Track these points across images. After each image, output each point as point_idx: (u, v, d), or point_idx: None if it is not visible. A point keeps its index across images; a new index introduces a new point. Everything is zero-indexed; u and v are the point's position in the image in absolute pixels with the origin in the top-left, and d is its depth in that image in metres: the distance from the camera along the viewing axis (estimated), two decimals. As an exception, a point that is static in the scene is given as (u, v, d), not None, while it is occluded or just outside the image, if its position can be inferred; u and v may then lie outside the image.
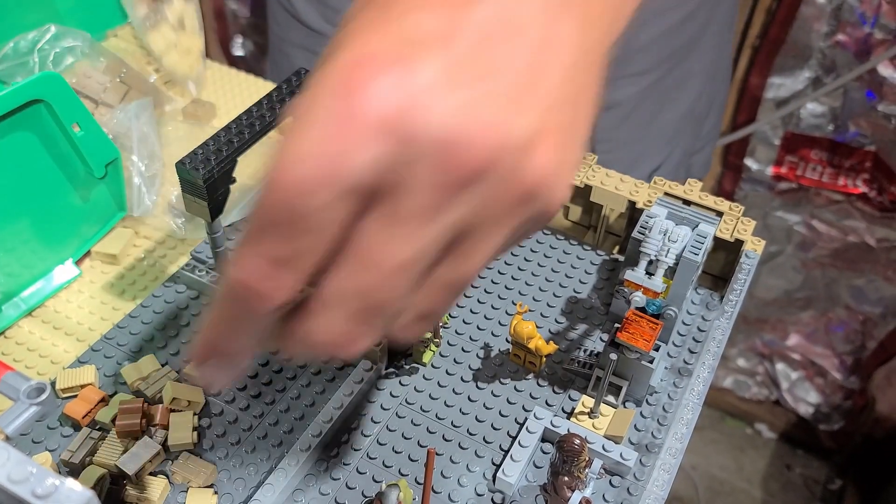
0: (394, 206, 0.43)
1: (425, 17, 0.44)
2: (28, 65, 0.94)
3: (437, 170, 0.42)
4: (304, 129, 0.42)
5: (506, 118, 0.43)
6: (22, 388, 0.75)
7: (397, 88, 0.41)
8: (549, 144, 0.45)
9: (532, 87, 0.45)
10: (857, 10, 1.81)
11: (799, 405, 2.52)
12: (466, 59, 0.43)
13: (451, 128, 0.42)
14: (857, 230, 2.11)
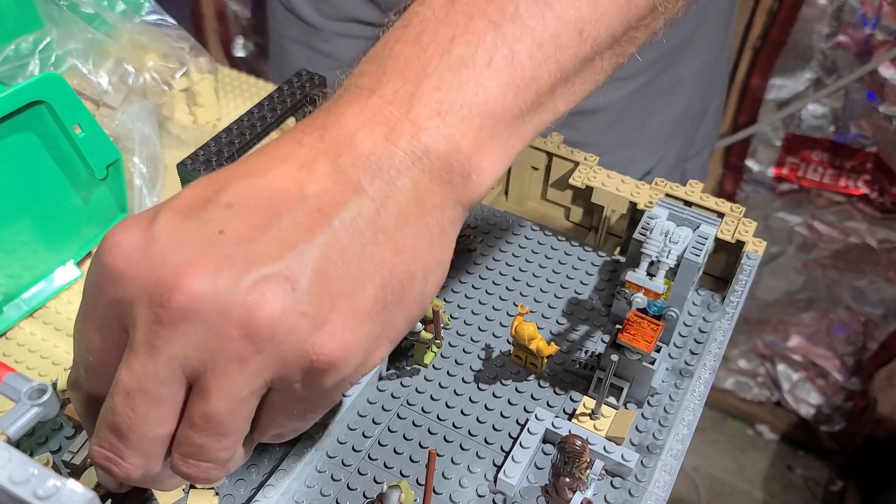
0: (129, 340, 0.50)
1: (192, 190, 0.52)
2: (29, 66, 0.94)
3: (146, 311, 0.48)
4: None
5: (218, 270, 0.48)
6: (23, 390, 0.75)
7: (122, 240, 0.50)
8: (275, 289, 0.48)
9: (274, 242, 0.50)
10: (859, 11, 1.81)
11: (800, 406, 2.52)
12: (205, 220, 0.50)
13: (155, 273, 0.48)
14: (858, 231, 2.11)
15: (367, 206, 0.52)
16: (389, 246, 0.53)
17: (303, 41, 1.40)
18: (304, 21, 1.38)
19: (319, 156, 0.53)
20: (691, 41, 1.32)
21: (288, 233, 0.50)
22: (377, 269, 0.52)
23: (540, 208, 1.01)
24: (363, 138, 0.54)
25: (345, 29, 1.36)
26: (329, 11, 1.35)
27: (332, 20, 1.36)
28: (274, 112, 0.84)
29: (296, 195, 0.51)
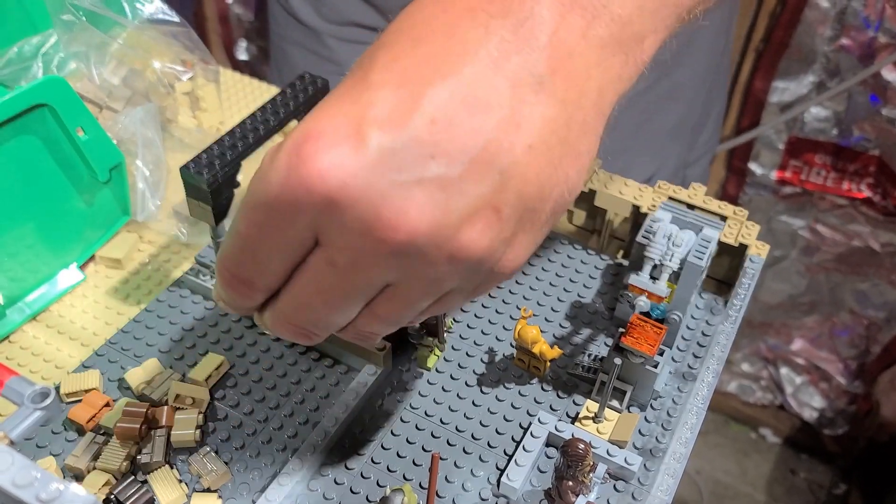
0: (327, 256, 0.50)
1: (385, 95, 0.48)
2: (32, 69, 0.94)
3: (360, 242, 0.48)
4: (259, 182, 0.50)
5: (436, 205, 0.47)
6: (26, 393, 0.75)
7: (335, 166, 0.46)
8: (485, 224, 0.49)
9: (481, 168, 0.48)
10: (861, 13, 1.81)
11: (803, 410, 2.52)
12: (413, 142, 0.47)
13: (375, 209, 0.47)
14: (861, 234, 2.11)
15: (561, 120, 0.51)
16: (572, 162, 0.53)
17: (303, 44, 1.40)
18: (304, 24, 1.38)
19: (513, 52, 0.50)
20: (690, 47, 1.32)
21: (491, 153, 0.48)
22: (557, 185, 0.52)
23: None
24: (563, 37, 0.51)
25: (344, 33, 1.36)
26: (329, 15, 1.35)
27: (332, 23, 1.36)
28: (277, 115, 0.84)
29: (495, 105, 0.49)
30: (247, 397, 0.79)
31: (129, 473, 0.72)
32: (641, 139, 1.37)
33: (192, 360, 0.82)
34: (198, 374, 0.79)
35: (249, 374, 0.81)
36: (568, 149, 0.52)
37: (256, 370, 0.81)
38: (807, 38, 1.90)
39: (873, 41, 1.83)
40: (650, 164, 1.40)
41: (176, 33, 1.08)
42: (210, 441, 0.75)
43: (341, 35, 1.37)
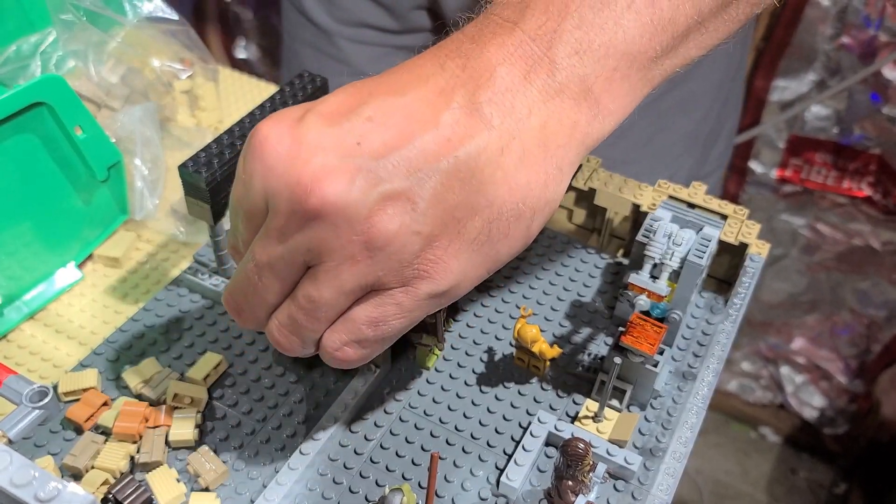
0: (266, 225, 0.58)
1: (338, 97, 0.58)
2: (30, 68, 0.94)
3: (284, 204, 0.55)
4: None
5: (352, 182, 0.54)
6: (24, 392, 0.75)
7: (280, 142, 0.55)
8: (395, 210, 0.55)
9: (403, 165, 0.55)
10: (862, 12, 1.81)
11: (804, 409, 2.52)
12: (345, 130, 0.55)
13: (297, 174, 0.54)
14: (861, 233, 2.11)
15: (494, 144, 0.56)
16: (504, 185, 0.57)
17: (315, 45, 1.40)
18: (316, 25, 1.38)
19: (459, 85, 0.57)
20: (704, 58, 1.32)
21: (416, 156, 0.55)
22: (488, 205, 0.57)
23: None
24: (503, 74, 0.57)
25: (357, 34, 1.36)
26: (341, 16, 1.35)
27: (344, 25, 1.36)
28: (276, 113, 0.84)
29: (430, 121, 0.55)
30: (245, 396, 0.79)
31: (128, 473, 0.72)
32: (653, 149, 1.36)
33: (191, 359, 0.82)
34: (196, 373, 0.79)
35: (248, 373, 0.81)
36: (500, 173, 0.57)
37: (255, 369, 0.81)
38: (807, 37, 1.90)
39: (874, 39, 1.83)
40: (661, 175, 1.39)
41: (175, 31, 1.08)
42: (208, 440, 0.75)
43: (352, 36, 1.37)
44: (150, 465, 0.72)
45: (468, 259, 0.58)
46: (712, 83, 1.37)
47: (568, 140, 0.59)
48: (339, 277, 0.57)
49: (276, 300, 0.61)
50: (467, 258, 0.58)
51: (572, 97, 0.59)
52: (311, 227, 0.55)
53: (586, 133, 0.61)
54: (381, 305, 0.59)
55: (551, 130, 0.59)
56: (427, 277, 0.58)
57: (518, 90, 0.57)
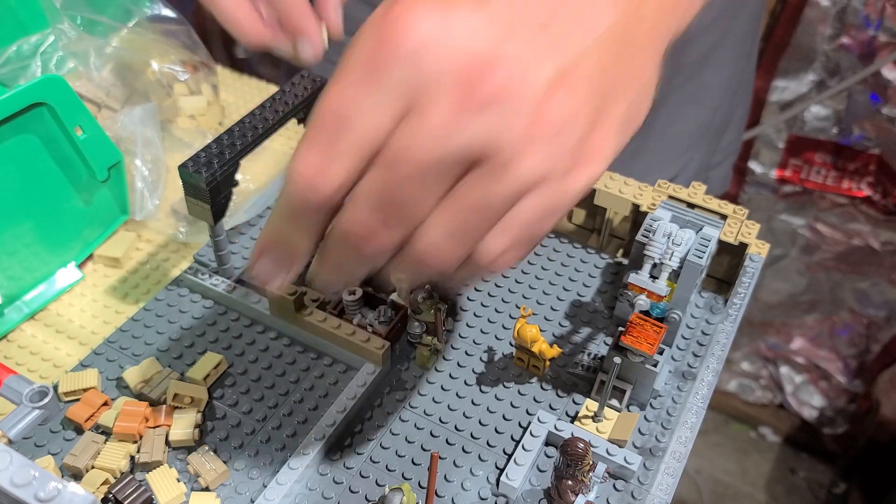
0: (420, 117, 0.50)
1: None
2: (31, 68, 0.94)
3: (455, 91, 0.49)
4: (351, 51, 0.51)
5: (530, 57, 0.50)
6: (24, 392, 0.75)
7: (429, 21, 0.49)
8: (570, 90, 0.51)
9: (563, 36, 0.51)
10: (862, 12, 1.81)
11: (803, 409, 2.52)
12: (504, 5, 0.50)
13: (472, 56, 0.49)
14: (861, 233, 2.11)
15: (621, 26, 0.54)
16: (634, 70, 0.56)
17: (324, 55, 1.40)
18: None
19: None
20: (717, 50, 1.32)
21: (570, 29, 0.52)
22: (626, 84, 0.55)
23: (542, 210, 1.01)
24: None
25: None
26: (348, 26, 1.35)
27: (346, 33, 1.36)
28: (276, 113, 0.84)
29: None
30: (245, 396, 0.79)
31: (128, 472, 0.72)
32: (666, 141, 1.37)
33: (191, 359, 0.82)
34: (196, 372, 0.79)
35: (248, 372, 0.81)
36: (629, 56, 0.55)
37: (255, 369, 0.81)
38: (807, 37, 1.90)
39: (873, 40, 1.83)
40: (672, 166, 1.40)
41: (175, 31, 1.08)
42: (209, 440, 0.75)
43: None
44: (150, 464, 0.72)
45: (616, 141, 0.56)
46: (724, 74, 1.37)
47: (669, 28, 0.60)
48: (517, 169, 0.51)
49: (428, 211, 0.53)
50: (616, 140, 0.56)
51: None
52: (484, 115, 0.49)
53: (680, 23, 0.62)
54: (550, 197, 0.53)
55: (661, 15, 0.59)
56: (589, 163, 0.54)
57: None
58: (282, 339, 0.84)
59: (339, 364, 0.82)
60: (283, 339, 0.84)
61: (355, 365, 0.81)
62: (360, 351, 0.79)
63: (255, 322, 0.85)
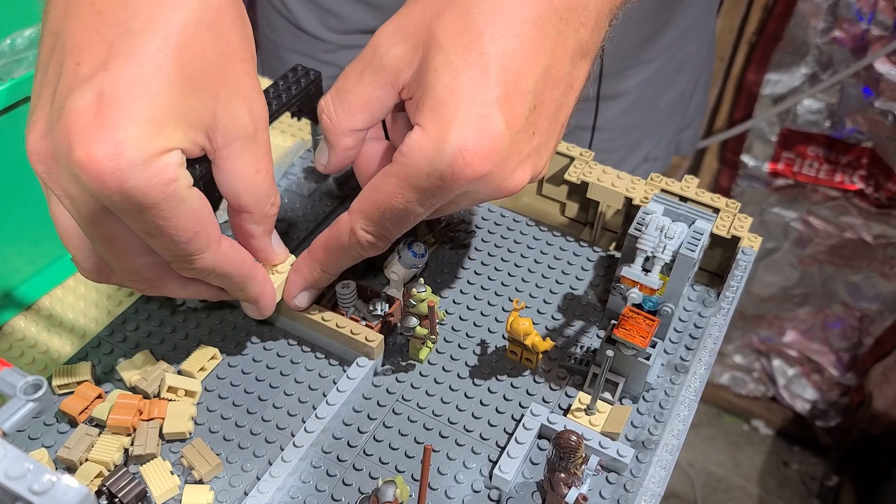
0: (450, 202, 0.70)
1: (515, 94, 0.66)
2: (26, 61, 0.94)
3: (487, 196, 0.70)
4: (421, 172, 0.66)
5: (535, 168, 0.70)
6: (18, 385, 0.75)
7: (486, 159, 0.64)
8: (527, 170, 0.68)
9: (554, 132, 0.71)
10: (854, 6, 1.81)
11: (796, 402, 2.53)
12: (522, 130, 0.67)
13: (506, 179, 0.67)
14: (853, 226, 2.11)
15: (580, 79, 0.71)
16: (571, 98, 0.71)
17: (304, 52, 1.40)
18: (306, 32, 1.37)
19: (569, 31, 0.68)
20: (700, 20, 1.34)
21: (562, 113, 0.70)
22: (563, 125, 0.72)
23: (535, 204, 1.01)
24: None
25: (350, 41, 1.36)
26: (337, 25, 1.35)
27: (339, 33, 1.35)
28: (269, 107, 0.84)
29: (564, 83, 0.69)
30: (239, 389, 0.79)
31: (122, 465, 0.72)
32: (654, 114, 1.38)
33: (185, 352, 0.82)
34: (190, 365, 0.79)
35: (242, 365, 0.81)
36: (571, 92, 0.72)
37: (249, 362, 0.81)
38: (799, 31, 1.91)
39: (866, 33, 1.84)
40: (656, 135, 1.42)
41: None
42: (202, 433, 0.75)
43: (347, 43, 1.36)
44: (144, 457, 0.72)
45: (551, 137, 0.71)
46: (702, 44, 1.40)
47: None
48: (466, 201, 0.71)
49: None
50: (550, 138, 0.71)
51: None
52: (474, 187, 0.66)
53: None
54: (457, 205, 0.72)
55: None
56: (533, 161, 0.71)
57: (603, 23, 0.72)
58: (275, 331, 0.84)
59: (333, 357, 0.82)
60: (277, 332, 0.84)
61: (348, 358, 0.81)
62: (353, 344, 0.80)
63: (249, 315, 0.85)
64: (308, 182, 1.00)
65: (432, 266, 0.91)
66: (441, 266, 0.91)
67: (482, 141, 0.63)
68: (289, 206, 0.97)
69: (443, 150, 0.63)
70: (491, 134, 0.64)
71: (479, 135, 0.63)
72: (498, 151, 0.64)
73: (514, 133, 0.65)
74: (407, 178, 0.66)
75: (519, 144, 0.66)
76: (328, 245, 0.75)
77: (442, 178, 0.64)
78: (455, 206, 0.71)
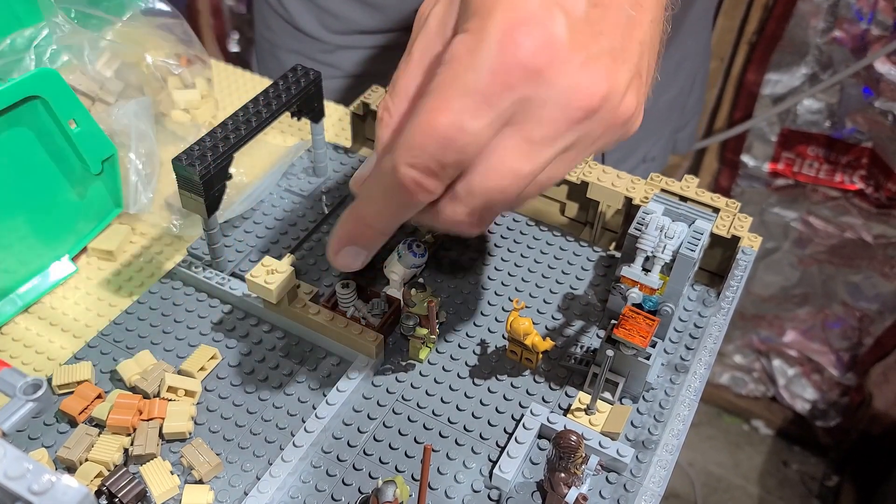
0: (526, 132, 0.58)
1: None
2: (24, 61, 0.94)
3: (562, 109, 0.57)
4: (466, 70, 0.56)
5: (612, 72, 0.58)
6: (18, 385, 0.75)
7: (541, 48, 0.55)
8: (635, 88, 0.61)
9: (629, 44, 0.60)
10: (854, 6, 1.81)
11: (796, 402, 2.53)
12: (583, 23, 0.57)
13: (575, 80, 0.57)
14: (853, 226, 2.11)
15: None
16: (643, 16, 0.63)
17: (302, 52, 1.40)
18: (303, 32, 1.37)
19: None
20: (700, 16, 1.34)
21: (635, 31, 0.61)
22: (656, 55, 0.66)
23: (535, 203, 1.01)
24: None
25: (348, 41, 1.36)
26: (335, 26, 1.35)
27: (337, 34, 1.35)
28: (269, 107, 0.84)
29: None
30: (239, 389, 0.79)
31: (122, 465, 0.72)
32: (654, 113, 1.38)
33: (185, 352, 0.82)
34: (190, 365, 0.79)
35: (241, 365, 0.81)
36: (658, 30, 0.66)
37: (249, 362, 0.81)
38: (799, 31, 1.91)
39: (866, 33, 1.84)
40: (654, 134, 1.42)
41: (170, 25, 1.07)
42: (202, 433, 0.75)
43: (345, 43, 1.36)
44: (143, 457, 0.72)
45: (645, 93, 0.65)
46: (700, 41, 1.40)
47: None
48: (585, 155, 0.63)
49: (520, 190, 0.62)
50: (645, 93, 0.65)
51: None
52: (583, 125, 0.59)
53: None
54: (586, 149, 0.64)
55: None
56: (635, 128, 0.65)
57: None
58: (275, 331, 0.84)
59: (333, 357, 0.82)
60: (277, 332, 0.84)
61: (348, 358, 0.81)
62: (353, 344, 0.80)
63: (249, 315, 0.86)
64: (308, 182, 1.00)
65: (432, 266, 0.91)
66: (441, 266, 0.91)
67: (532, 26, 0.55)
68: (288, 206, 0.97)
69: (486, 39, 0.55)
70: (540, 18, 0.56)
71: (526, 19, 0.55)
72: (554, 40, 0.56)
73: (571, 21, 0.56)
74: (453, 81, 0.56)
75: (580, 37, 0.57)
76: (369, 189, 0.64)
77: (493, 72, 0.55)
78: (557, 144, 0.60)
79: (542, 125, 0.57)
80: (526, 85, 0.56)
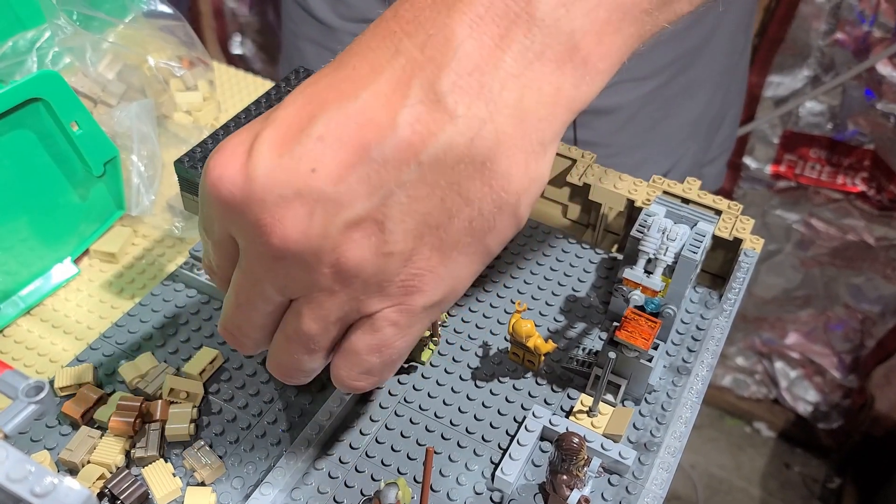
0: (240, 259, 0.55)
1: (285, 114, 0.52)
2: (27, 63, 0.94)
3: (250, 245, 0.52)
4: None
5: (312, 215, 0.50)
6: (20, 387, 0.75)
7: (228, 176, 0.51)
8: (363, 236, 0.51)
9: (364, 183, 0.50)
10: (856, 8, 1.81)
11: (798, 404, 2.52)
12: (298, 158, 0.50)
13: (255, 216, 0.50)
14: (855, 229, 2.11)
15: (461, 137, 0.49)
16: (479, 178, 0.51)
17: (317, 41, 1.40)
18: (319, 21, 1.37)
19: (417, 72, 0.50)
20: (709, 44, 1.32)
21: (377, 172, 0.49)
22: (465, 204, 0.51)
23: (537, 205, 1.01)
24: (469, 50, 0.49)
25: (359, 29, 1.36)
26: (345, 12, 1.35)
27: (348, 21, 1.36)
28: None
29: (386, 125, 0.49)
30: (241, 391, 0.79)
31: (124, 467, 0.72)
32: (659, 135, 1.37)
33: (187, 354, 0.82)
34: (192, 367, 0.79)
35: (244, 368, 0.81)
36: (472, 168, 0.51)
37: (251, 364, 0.81)
38: (802, 33, 1.91)
39: (868, 36, 1.84)
40: (666, 160, 1.40)
41: (172, 27, 1.08)
42: (204, 435, 0.75)
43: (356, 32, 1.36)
44: (145, 459, 0.72)
45: (456, 262, 0.54)
46: (716, 69, 1.37)
47: (550, 110, 0.52)
48: (321, 309, 0.54)
49: (264, 333, 0.59)
50: (455, 261, 0.54)
51: (554, 59, 0.51)
52: (280, 266, 0.52)
53: (572, 98, 0.53)
54: (378, 330, 0.56)
55: (529, 103, 0.51)
56: (417, 291, 0.54)
57: (488, 66, 0.50)
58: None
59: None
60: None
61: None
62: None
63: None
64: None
65: (434, 268, 0.91)
66: (443, 268, 0.91)
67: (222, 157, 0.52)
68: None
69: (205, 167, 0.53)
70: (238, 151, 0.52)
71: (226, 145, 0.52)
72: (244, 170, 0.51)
73: (271, 152, 0.50)
74: None
75: (281, 174, 0.50)
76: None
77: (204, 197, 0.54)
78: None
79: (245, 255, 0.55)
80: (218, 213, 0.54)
